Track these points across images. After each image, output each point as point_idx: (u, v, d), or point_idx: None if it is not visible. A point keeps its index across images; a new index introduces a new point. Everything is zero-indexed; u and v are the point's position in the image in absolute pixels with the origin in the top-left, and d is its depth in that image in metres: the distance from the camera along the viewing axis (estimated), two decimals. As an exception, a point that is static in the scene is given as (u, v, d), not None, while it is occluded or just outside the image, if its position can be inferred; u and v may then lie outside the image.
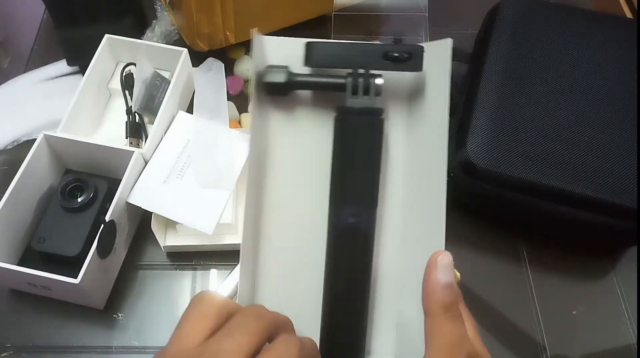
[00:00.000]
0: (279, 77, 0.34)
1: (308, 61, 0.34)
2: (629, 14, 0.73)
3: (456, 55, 0.64)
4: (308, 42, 0.34)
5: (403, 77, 0.37)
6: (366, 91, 0.34)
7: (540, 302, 0.53)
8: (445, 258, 0.28)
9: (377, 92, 0.34)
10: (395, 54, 0.34)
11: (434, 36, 0.63)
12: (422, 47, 0.35)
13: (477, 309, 0.53)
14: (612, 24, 0.58)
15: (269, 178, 0.36)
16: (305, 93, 0.37)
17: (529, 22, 0.58)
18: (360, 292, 0.35)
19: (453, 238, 0.56)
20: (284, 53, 0.36)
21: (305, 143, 0.37)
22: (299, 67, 0.35)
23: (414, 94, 0.37)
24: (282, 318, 0.29)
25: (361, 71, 0.34)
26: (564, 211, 0.50)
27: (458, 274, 0.31)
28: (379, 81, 0.34)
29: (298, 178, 0.37)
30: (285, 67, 0.35)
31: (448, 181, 0.54)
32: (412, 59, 0.34)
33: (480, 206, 0.57)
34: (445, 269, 0.27)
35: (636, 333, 0.52)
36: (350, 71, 0.35)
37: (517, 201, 0.51)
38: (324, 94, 0.36)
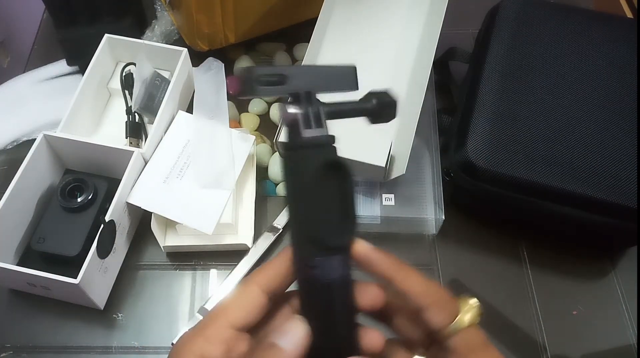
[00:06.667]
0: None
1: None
2: (629, 14, 0.73)
3: (456, 55, 0.65)
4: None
5: None
6: (318, 120, 0.26)
7: (540, 302, 0.53)
8: None
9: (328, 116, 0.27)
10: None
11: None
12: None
13: (477, 309, 0.53)
14: (612, 24, 0.58)
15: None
16: None
17: (529, 22, 0.58)
18: None
19: (453, 238, 0.57)
20: None
21: None
22: None
23: None
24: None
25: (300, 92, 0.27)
26: (564, 211, 0.50)
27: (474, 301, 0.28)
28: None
29: None
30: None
31: (448, 181, 0.54)
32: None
33: (480, 206, 0.57)
34: None
35: (636, 333, 0.52)
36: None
37: (517, 201, 0.51)
38: None
